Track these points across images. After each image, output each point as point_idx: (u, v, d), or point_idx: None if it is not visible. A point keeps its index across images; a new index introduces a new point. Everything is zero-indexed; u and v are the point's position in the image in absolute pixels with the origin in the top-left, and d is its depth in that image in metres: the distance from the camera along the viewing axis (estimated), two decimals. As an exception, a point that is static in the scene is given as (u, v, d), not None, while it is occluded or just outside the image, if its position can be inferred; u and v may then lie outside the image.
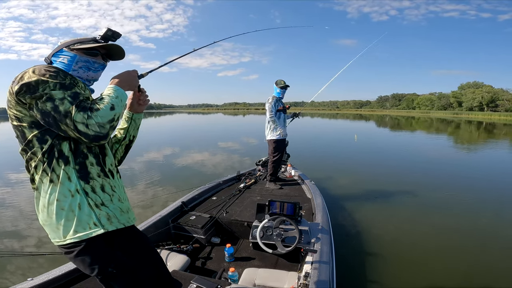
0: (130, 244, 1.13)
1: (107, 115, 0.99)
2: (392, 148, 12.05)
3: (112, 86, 1.10)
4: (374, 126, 27.20)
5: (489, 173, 7.20)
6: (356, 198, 5.11)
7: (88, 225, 1.03)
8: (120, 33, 1.18)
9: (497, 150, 11.31)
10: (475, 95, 64.84)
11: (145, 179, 6.62)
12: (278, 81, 4.19)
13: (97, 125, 0.96)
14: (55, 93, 0.96)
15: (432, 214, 4.40)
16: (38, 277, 1.75)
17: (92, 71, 1.19)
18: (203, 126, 28.84)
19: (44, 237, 3.66)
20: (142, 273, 1.12)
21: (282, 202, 2.50)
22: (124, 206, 1.14)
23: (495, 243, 3.45)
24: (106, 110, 0.99)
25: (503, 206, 4.72)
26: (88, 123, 0.95)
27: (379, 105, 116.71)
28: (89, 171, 1.06)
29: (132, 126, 1.39)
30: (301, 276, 1.86)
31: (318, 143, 13.18)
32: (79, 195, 1.03)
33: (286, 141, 4.46)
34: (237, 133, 18.87)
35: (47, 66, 1.02)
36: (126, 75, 1.18)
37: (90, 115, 0.96)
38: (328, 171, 7.16)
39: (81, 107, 0.96)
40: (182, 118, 50.69)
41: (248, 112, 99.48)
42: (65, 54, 1.14)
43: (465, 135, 18.81)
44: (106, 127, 0.99)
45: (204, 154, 10.32)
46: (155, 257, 1.24)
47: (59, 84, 0.98)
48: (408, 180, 6.46)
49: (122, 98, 1.09)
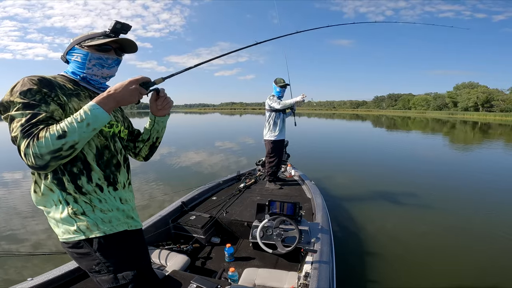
0: (112, 249, 1.13)
1: (50, 145, 0.89)
2: (390, 148, 12.10)
3: (89, 105, 0.97)
4: (371, 126, 27.32)
5: (490, 173, 7.24)
6: (356, 198, 5.13)
7: (71, 230, 1.07)
8: (130, 25, 1.14)
9: (495, 150, 11.41)
10: (470, 96, 65.37)
11: (145, 179, 6.60)
12: (277, 79, 4.05)
13: (33, 156, 0.88)
14: (15, 114, 0.93)
15: (432, 213, 4.42)
16: (38, 277, 1.74)
17: (106, 68, 1.17)
18: (201, 126, 28.76)
19: (40, 238, 3.65)
20: (123, 275, 1.13)
21: (282, 202, 2.50)
22: (107, 217, 1.13)
23: (495, 243, 3.47)
24: (50, 139, 0.89)
25: (503, 206, 4.76)
26: (25, 152, 0.88)
27: (375, 105, 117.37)
28: (66, 187, 1.06)
29: (155, 128, 1.36)
30: (301, 276, 1.86)
31: (318, 143, 13.20)
32: (61, 204, 1.06)
33: (286, 141, 4.40)
34: (237, 133, 18.88)
35: (28, 81, 0.98)
36: (121, 89, 1.01)
37: (29, 144, 0.88)
38: (328, 171, 7.17)
39: (25, 133, 0.89)
40: (179, 118, 50.46)
41: (245, 112, 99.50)
42: (77, 52, 1.12)
43: (462, 135, 18.99)
44: (45, 158, 0.89)
45: (202, 154, 10.31)
46: (142, 263, 1.23)
47: (23, 104, 0.93)
48: (407, 180, 6.50)
49: (93, 122, 0.96)
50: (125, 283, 1.13)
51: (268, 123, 4.10)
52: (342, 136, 16.55)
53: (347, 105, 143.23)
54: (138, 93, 1.05)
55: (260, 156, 5.05)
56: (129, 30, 1.15)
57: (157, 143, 1.42)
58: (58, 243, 1.13)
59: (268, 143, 4.11)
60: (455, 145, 13.47)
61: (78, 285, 1.82)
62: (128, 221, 1.22)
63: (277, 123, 4.04)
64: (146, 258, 1.27)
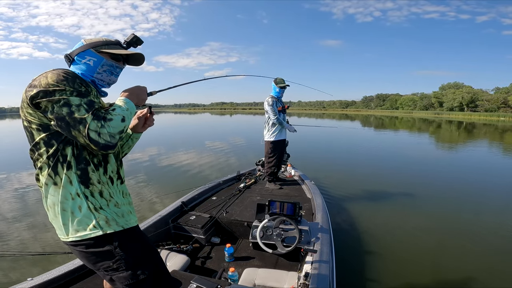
0: (130, 244, 1.15)
1: (118, 126, 1.02)
2: (389, 148, 12.23)
3: (123, 99, 1.11)
4: (360, 125, 27.59)
5: (487, 173, 7.39)
6: (356, 198, 5.15)
7: (88, 226, 1.07)
8: (143, 40, 1.22)
9: (485, 150, 11.69)
10: (455, 96, 66.70)
11: (144, 179, 6.57)
12: (277, 79, 3.99)
13: (108, 135, 0.99)
14: (72, 99, 0.98)
15: (433, 213, 4.45)
16: (38, 277, 1.74)
17: (114, 76, 1.22)
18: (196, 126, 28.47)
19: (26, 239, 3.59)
20: (141, 270, 1.14)
21: (282, 202, 2.52)
22: (120, 211, 1.16)
23: (496, 243, 3.52)
24: (117, 121, 1.02)
25: (503, 206, 4.83)
26: (100, 131, 0.97)
27: (364, 105, 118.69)
28: (90, 177, 1.09)
29: (127, 144, 1.40)
30: (301, 276, 1.88)
31: (317, 143, 13.23)
32: (80, 198, 1.07)
33: (286, 141, 4.40)
34: (227, 133, 18.80)
35: (65, 72, 1.03)
36: (137, 89, 1.19)
37: (103, 124, 0.98)
38: (328, 171, 7.19)
39: (96, 115, 0.98)
40: (169, 118, 49.89)
41: (235, 112, 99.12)
42: (91, 56, 1.14)
43: (447, 134, 19.37)
44: (116, 137, 1.01)
45: (198, 154, 10.23)
46: (155, 257, 1.26)
47: (76, 91, 1.00)
48: (407, 180, 6.54)
49: (132, 111, 1.11)
50: (144, 278, 1.14)
51: (267, 124, 4.08)
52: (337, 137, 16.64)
53: (336, 105, 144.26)
54: (146, 96, 1.23)
55: (259, 156, 5.04)
56: (140, 45, 1.24)
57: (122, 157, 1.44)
58: (45, 245, 1.12)
59: (268, 144, 4.10)
60: (441, 144, 13.77)
61: (78, 285, 1.82)
62: (133, 216, 1.25)
63: (276, 124, 4.01)
64: (157, 251, 1.29)
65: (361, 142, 13.80)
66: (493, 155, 10.63)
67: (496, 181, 6.57)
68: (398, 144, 13.66)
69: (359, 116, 56.21)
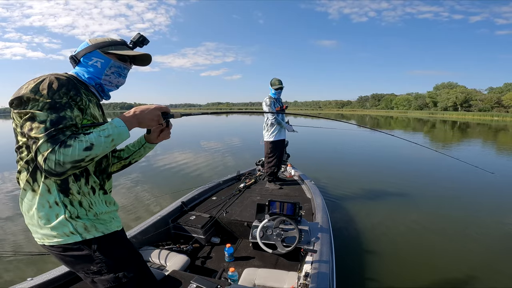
0: (110, 247, 1.13)
1: (75, 155, 0.88)
2: (388, 148, 12.19)
3: (116, 121, 0.99)
4: (356, 126, 27.67)
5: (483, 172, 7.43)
6: (356, 198, 5.15)
7: (65, 233, 1.04)
8: (149, 40, 1.19)
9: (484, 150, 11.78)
10: (449, 95, 67.35)
11: (144, 179, 6.54)
12: (273, 81, 4.04)
13: (55, 162, 0.86)
14: (38, 113, 0.90)
15: (433, 213, 4.47)
16: (38, 277, 1.73)
17: (122, 77, 1.19)
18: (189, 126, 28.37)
19: None
20: (123, 273, 1.13)
21: (282, 202, 2.51)
22: (101, 220, 1.14)
23: (494, 242, 3.54)
24: (77, 149, 0.89)
25: (499, 204, 4.88)
26: (48, 157, 0.86)
27: (359, 105, 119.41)
28: (69, 187, 1.04)
29: (139, 152, 1.36)
30: (301, 276, 1.88)
31: (318, 143, 13.26)
32: (58, 206, 1.03)
33: (286, 142, 4.40)
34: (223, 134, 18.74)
35: (57, 78, 0.97)
36: (146, 112, 1.05)
37: (54, 150, 0.87)
38: (328, 171, 7.18)
39: (51, 137, 0.88)
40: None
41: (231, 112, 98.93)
42: (99, 58, 1.11)
43: (442, 134, 19.52)
44: (66, 166, 0.88)
45: (188, 154, 10.20)
46: (138, 260, 1.24)
47: (49, 104, 0.91)
48: (407, 180, 6.53)
49: (116, 138, 0.97)
50: (126, 281, 1.13)
51: (266, 124, 4.09)
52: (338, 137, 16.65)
53: (332, 105, 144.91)
54: (158, 120, 1.08)
55: (260, 156, 5.03)
56: (146, 44, 1.19)
57: (131, 165, 1.41)
58: (39, 246, 1.10)
59: (267, 144, 4.11)
60: (436, 143, 13.87)
61: (78, 285, 1.80)
62: (115, 222, 1.23)
63: (274, 124, 4.03)
64: (139, 254, 1.28)
65: (361, 142, 13.83)
66: (488, 154, 10.74)
67: (492, 179, 6.63)
68: (398, 144, 13.70)
69: (355, 116, 56.47)
